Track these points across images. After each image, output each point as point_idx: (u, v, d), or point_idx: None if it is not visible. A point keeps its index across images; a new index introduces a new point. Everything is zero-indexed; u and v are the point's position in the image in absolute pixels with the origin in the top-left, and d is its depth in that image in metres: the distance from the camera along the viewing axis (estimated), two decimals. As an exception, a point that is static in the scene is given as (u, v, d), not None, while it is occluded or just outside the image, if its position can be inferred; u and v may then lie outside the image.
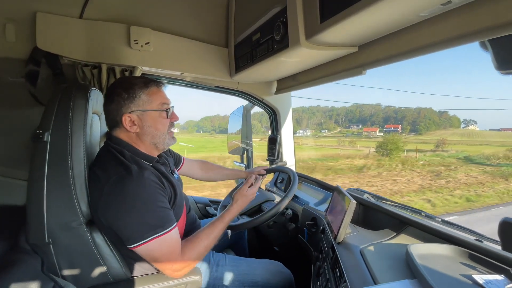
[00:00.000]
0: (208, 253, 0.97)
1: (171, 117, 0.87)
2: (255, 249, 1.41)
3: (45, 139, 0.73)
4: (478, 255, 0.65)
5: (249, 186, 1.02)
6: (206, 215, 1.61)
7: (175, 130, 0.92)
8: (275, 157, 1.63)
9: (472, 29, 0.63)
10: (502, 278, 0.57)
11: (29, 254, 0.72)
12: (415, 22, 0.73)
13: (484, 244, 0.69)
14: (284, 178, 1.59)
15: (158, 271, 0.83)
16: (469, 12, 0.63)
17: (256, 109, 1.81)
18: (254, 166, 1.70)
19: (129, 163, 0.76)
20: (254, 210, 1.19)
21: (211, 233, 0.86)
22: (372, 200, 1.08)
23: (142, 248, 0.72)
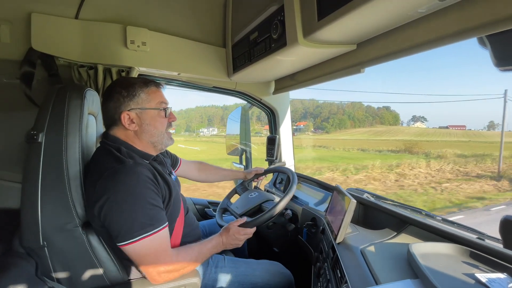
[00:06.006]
0: None
1: (169, 117, 0.88)
2: (254, 250, 1.39)
3: (39, 140, 0.71)
4: (480, 254, 0.64)
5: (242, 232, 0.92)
6: (205, 216, 1.59)
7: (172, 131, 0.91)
8: (274, 158, 1.62)
9: (470, 25, 0.62)
10: (505, 276, 0.56)
11: (23, 257, 0.70)
12: (413, 18, 0.72)
13: (486, 242, 0.68)
14: (283, 179, 1.58)
15: None
16: (467, 7, 0.62)
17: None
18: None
19: (124, 158, 0.75)
20: (255, 211, 1.18)
21: (199, 252, 0.85)
22: (372, 199, 1.07)
23: (131, 246, 0.71)
